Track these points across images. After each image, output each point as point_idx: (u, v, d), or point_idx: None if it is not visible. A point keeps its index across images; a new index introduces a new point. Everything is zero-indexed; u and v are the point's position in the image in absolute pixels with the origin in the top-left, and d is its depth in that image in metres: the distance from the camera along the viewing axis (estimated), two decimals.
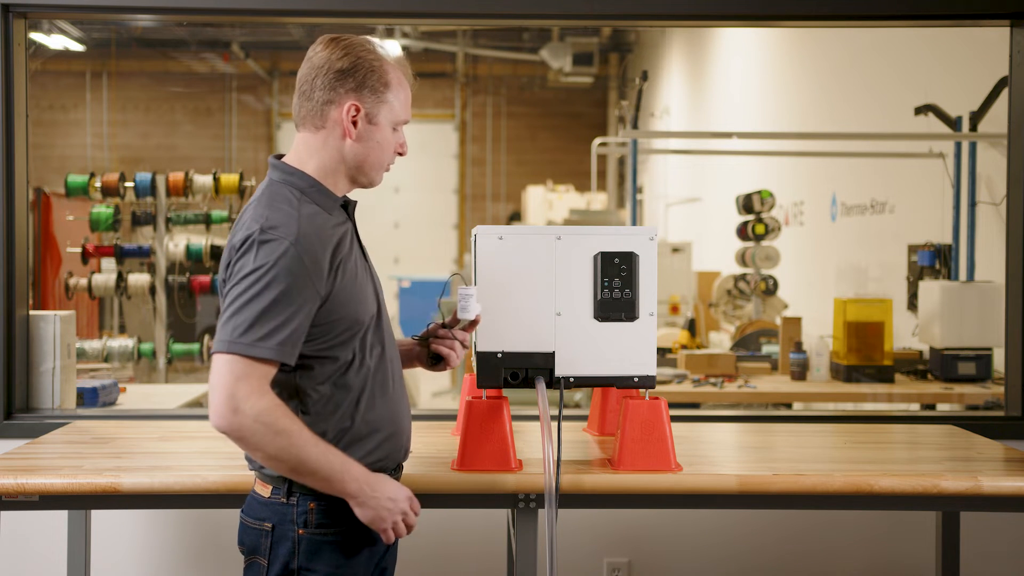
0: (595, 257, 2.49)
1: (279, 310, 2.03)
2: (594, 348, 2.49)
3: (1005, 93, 3.66)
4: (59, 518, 3.28)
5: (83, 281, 5.23)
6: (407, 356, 2.46)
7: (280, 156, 2.24)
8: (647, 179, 12.28)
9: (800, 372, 4.80)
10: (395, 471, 2.28)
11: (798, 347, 4.83)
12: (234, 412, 2.00)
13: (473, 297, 2.39)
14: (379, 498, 2.12)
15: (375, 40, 2.24)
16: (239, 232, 2.09)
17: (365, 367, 2.18)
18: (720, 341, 6.54)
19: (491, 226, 2.50)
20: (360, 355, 2.17)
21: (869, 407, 4.73)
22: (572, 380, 2.50)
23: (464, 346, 2.42)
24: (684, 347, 5.45)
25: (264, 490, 2.16)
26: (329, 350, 2.13)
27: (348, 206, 2.26)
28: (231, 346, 2.01)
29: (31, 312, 3.45)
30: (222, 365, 2.01)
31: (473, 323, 2.43)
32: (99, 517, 3.35)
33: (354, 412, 2.16)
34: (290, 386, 2.13)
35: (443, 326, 2.43)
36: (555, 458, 2.35)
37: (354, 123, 2.18)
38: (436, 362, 2.43)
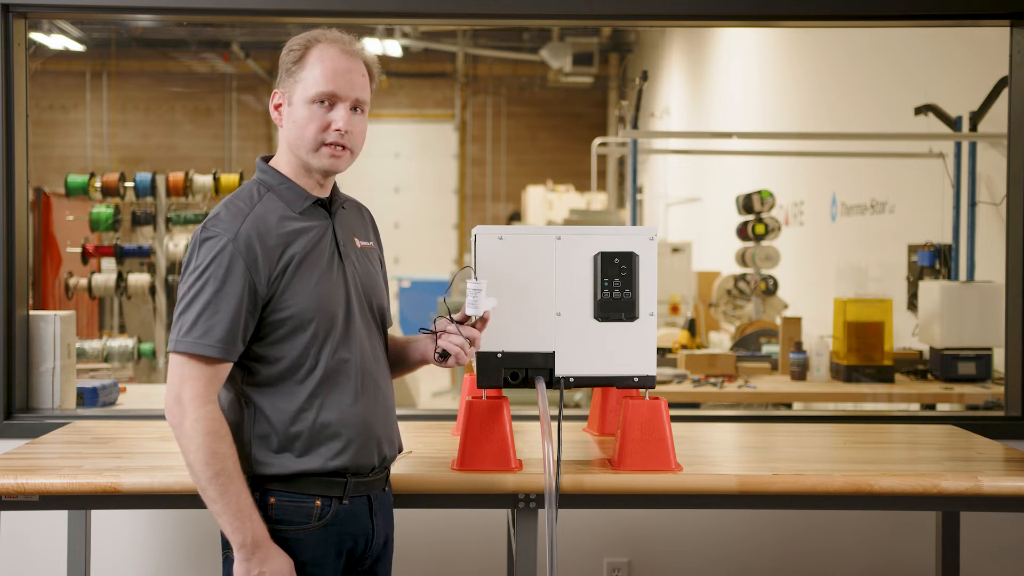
0: (595, 257, 2.49)
1: (216, 307, 2.07)
2: (594, 348, 2.49)
3: (1005, 93, 3.66)
4: (59, 518, 3.28)
5: (83, 281, 5.22)
6: (416, 351, 2.40)
7: (268, 157, 2.28)
8: (647, 179, 12.29)
9: (800, 372, 4.80)
10: (370, 474, 2.24)
11: (798, 347, 4.83)
12: (177, 405, 2.06)
13: (483, 292, 2.29)
14: (255, 564, 2.06)
15: (334, 30, 2.23)
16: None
17: (319, 370, 2.15)
18: (720, 341, 6.54)
19: (491, 226, 2.49)
20: (314, 358, 2.15)
21: (869, 407, 4.72)
22: (572, 380, 2.50)
23: (474, 344, 2.31)
24: (684, 347, 5.45)
25: None
26: (275, 349, 2.13)
27: (332, 205, 2.25)
28: (177, 344, 2.07)
29: (31, 312, 3.44)
30: (172, 365, 2.09)
31: (483, 320, 2.33)
32: (99, 517, 3.35)
33: (304, 416, 2.14)
34: (236, 387, 2.15)
35: (452, 320, 2.32)
36: (555, 458, 2.34)
37: (278, 109, 2.22)
38: (444, 358, 2.32)
